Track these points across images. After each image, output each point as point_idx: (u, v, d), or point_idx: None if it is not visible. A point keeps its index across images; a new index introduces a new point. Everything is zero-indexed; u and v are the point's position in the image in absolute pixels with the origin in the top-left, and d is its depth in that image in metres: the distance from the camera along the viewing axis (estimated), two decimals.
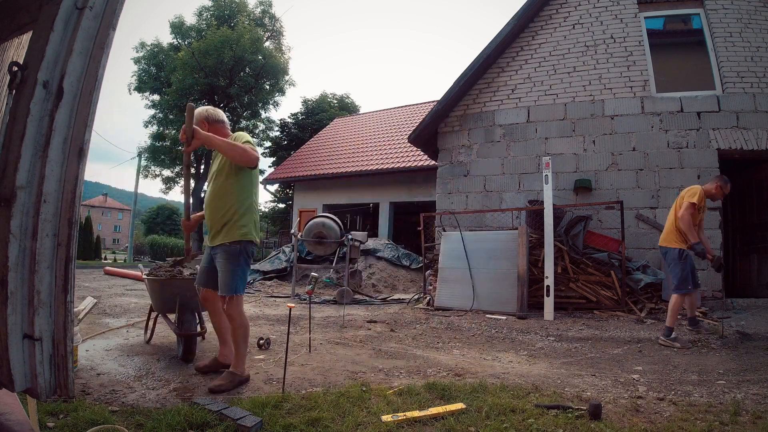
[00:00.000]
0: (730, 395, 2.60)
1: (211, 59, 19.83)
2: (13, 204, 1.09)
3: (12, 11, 1.47)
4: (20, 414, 1.65)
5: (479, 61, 7.28)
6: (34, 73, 1.13)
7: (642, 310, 5.50)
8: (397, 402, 2.43)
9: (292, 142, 25.50)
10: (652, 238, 6.24)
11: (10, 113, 1.18)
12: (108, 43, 1.23)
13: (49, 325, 1.15)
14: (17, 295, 1.10)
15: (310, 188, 15.41)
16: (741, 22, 6.39)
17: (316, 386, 2.78)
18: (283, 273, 10.47)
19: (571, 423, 2.14)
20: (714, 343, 4.06)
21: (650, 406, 2.43)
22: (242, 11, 23.22)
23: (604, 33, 6.98)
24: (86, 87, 1.19)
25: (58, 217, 1.15)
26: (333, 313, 6.12)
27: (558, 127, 7.02)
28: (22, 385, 1.13)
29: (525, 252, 5.86)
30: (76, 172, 1.18)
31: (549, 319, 5.41)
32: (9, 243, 1.08)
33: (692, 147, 6.25)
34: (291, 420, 2.13)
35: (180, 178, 23.67)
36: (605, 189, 6.60)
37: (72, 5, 1.19)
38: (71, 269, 1.17)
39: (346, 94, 29.85)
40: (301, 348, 3.86)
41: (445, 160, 7.83)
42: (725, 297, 5.71)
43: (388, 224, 13.56)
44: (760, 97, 6.09)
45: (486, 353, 3.82)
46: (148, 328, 4.02)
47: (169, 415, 2.12)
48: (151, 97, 22.86)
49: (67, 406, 2.21)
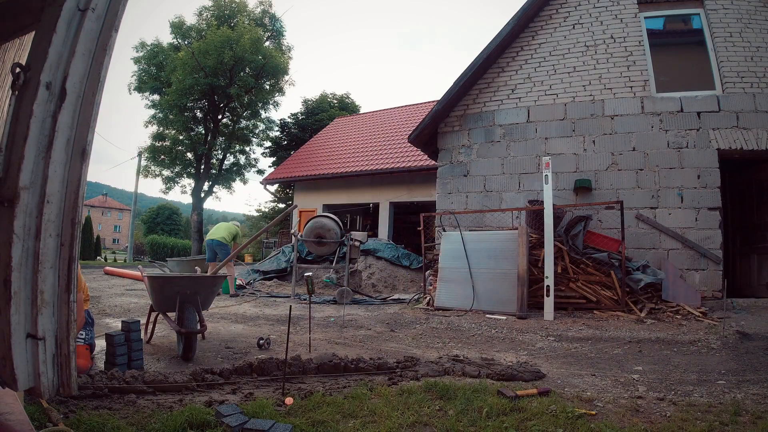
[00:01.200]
0: (730, 395, 2.61)
1: (211, 59, 19.82)
2: (17, 204, 1.10)
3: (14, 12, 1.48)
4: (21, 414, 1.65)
5: (479, 61, 7.29)
6: (37, 75, 1.14)
7: (642, 310, 5.50)
8: (398, 402, 2.43)
9: (292, 142, 25.50)
10: (652, 238, 6.25)
11: (13, 114, 1.19)
12: (110, 45, 1.23)
13: (52, 325, 1.15)
14: (21, 295, 1.11)
15: (310, 188, 15.41)
16: (741, 22, 6.39)
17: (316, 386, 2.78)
18: (283, 273, 10.47)
19: (571, 423, 2.15)
20: (714, 343, 4.06)
21: (650, 406, 2.44)
22: (242, 11, 23.21)
23: (604, 33, 6.98)
24: (89, 88, 1.20)
25: (61, 217, 1.16)
26: (333, 313, 6.13)
27: (558, 127, 7.02)
28: (26, 384, 1.13)
29: (525, 252, 5.87)
30: (79, 172, 1.18)
31: (549, 319, 5.41)
32: (12, 243, 1.09)
33: (692, 147, 6.26)
34: (294, 421, 2.14)
35: (179, 177, 23.65)
36: (605, 189, 6.61)
37: (74, 7, 1.20)
38: (74, 269, 1.17)
39: (346, 94, 29.83)
40: (301, 348, 3.87)
41: (445, 160, 7.84)
42: (725, 297, 5.71)
43: (388, 224, 13.56)
44: (760, 97, 6.10)
45: (486, 353, 3.83)
46: (147, 329, 4.02)
47: (169, 415, 2.13)
48: (151, 97, 22.85)
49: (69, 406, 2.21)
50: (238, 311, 6.24)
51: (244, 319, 5.61)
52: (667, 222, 6.18)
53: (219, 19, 22.50)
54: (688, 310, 5.30)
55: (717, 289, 5.89)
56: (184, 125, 22.06)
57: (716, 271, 5.96)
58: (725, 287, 5.80)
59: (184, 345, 3.36)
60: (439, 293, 6.45)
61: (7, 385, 1.14)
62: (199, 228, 22.67)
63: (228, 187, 25.12)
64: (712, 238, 6.02)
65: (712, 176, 6.13)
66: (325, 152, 16.48)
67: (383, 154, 14.23)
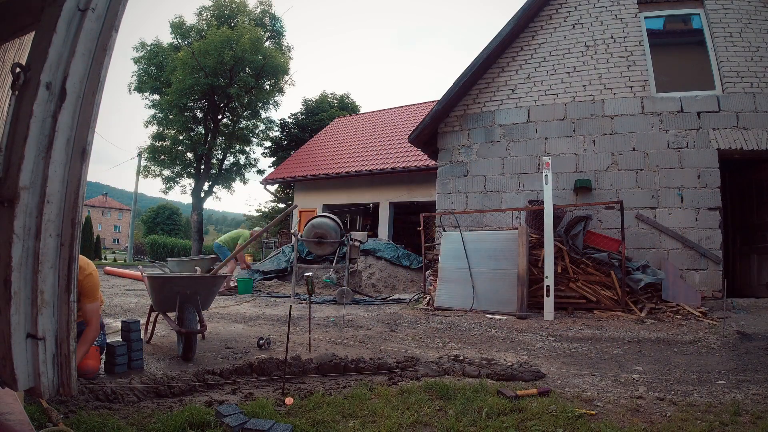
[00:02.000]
0: (730, 395, 2.61)
1: (211, 59, 19.81)
2: (17, 204, 1.10)
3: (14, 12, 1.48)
4: (21, 414, 1.65)
5: (479, 61, 7.29)
6: (37, 75, 1.14)
7: (642, 310, 5.50)
8: (398, 402, 2.43)
9: (292, 142, 25.49)
10: (652, 238, 6.25)
11: (13, 114, 1.19)
12: (110, 45, 1.23)
13: (52, 325, 1.15)
14: (21, 295, 1.11)
15: (310, 188, 15.42)
16: (741, 22, 6.39)
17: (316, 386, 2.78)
18: (283, 273, 10.47)
19: (571, 423, 2.15)
20: (714, 343, 4.06)
21: (650, 406, 2.44)
22: (242, 11, 23.19)
23: (604, 33, 6.98)
24: (89, 88, 1.19)
25: (62, 217, 1.16)
26: (333, 313, 6.13)
27: (558, 127, 7.03)
28: (26, 385, 1.13)
29: (525, 252, 5.87)
30: (79, 172, 1.18)
31: (549, 319, 5.41)
32: (12, 243, 1.09)
33: (692, 147, 6.26)
34: (294, 421, 2.14)
35: (179, 177, 23.63)
36: (605, 189, 6.61)
37: (74, 7, 1.20)
38: (74, 269, 1.17)
39: (346, 94, 29.81)
40: (301, 348, 3.87)
41: (445, 160, 7.84)
42: (725, 297, 5.71)
43: (388, 224, 13.56)
44: (760, 97, 6.10)
45: (486, 353, 3.83)
46: (147, 329, 4.02)
47: (169, 415, 2.13)
48: (151, 97, 22.84)
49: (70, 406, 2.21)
50: (238, 311, 6.24)
51: (244, 319, 5.61)
52: (667, 222, 6.19)
53: (219, 19, 22.49)
54: (688, 310, 5.30)
55: (717, 289, 5.90)
56: (184, 125, 22.05)
57: (716, 271, 5.96)
58: (725, 287, 5.80)
59: (184, 345, 3.36)
60: (439, 293, 6.45)
61: (7, 385, 1.14)
62: (199, 228, 22.67)
63: (228, 187, 25.12)
64: (712, 238, 6.02)
65: (712, 176, 6.13)
66: (325, 152, 16.49)
67: (383, 154, 14.23)
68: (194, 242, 22.35)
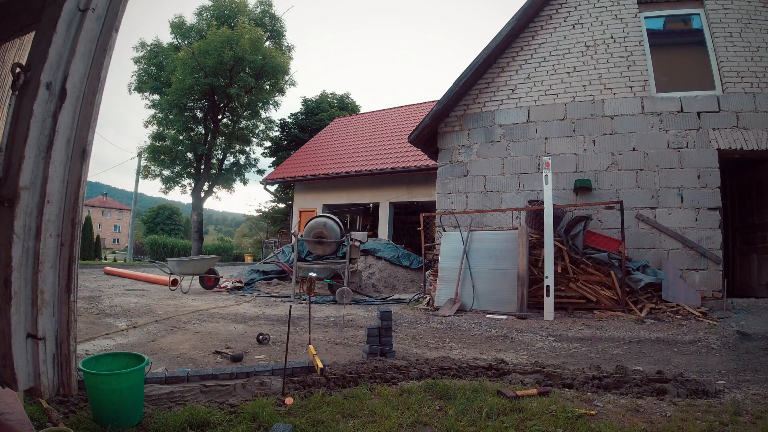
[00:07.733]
0: (730, 395, 2.61)
1: (211, 59, 19.80)
2: (17, 204, 1.10)
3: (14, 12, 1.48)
4: (21, 414, 1.65)
5: (479, 61, 7.29)
6: (38, 75, 1.14)
7: (642, 310, 5.50)
8: (398, 402, 2.43)
9: (292, 142, 25.47)
10: (652, 238, 6.25)
11: (14, 114, 1.19)
12: (110, 45, 1.23)
13: (52, 325, 1.15)
14: (21, 295, 1.11)
15: (310, 188, 15.41)
16: (741, 22, 6.39)
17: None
18: (283, 273, 10.47)
19: (571, 423, 2.15)
20: (714, 343, 4.06)
21: (650, 406, 2.44)
22: (242, 11, 23.18)
23: (604, 33, 6.98)
24: (89, 88, 1.20)
25: (62, 217, 1.16)
26: (333, 313, 6.13)
27: (558, 127, 7.02)
28: (26, 384, 1.13)
29: (525, 252, 5.87)
30: (80, 172, 1.18)
31: (549, 319, 5.41)
32: (13, 243, 1.09)
33: (692, 147, 6.26)
34: (294, 421, 2.14)
35: (179, 177, 23.62)
36: (605, 189, 6.61)
37: (74, 7, 1.20)
38: (75, 269, 1.17)
39: (346, 94, 29.79)
40: (301, 348, 3.87)
41: (445, 160, 7.84)
42: (725, 297, 5.71)
43: (388, 224, 13.56)
44: (760, 97, 6.10)
45: (486, 353, 3.83)
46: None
47: (169, 415, 2.13)
48: (151, 97, 22.84)
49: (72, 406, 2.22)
50: (238, 311, 6.24)
51: (245, 318, 5.61)
52: (667, 222, 6.19)
53: (219, 19, 22.47)
54: (688, 310, 5.30)
55: (717, 289, 5.90)
56: (184, 125, 22.04)
57: (716, 271, 5.96)
58: (725, 287, 5.80)
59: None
60: (439, 293, 6.44)
61: (7, 385, 1.14)
62: (199, 228, 22.66)
63: (228, 187, 25.11)
64: (712, 238, 6.02)
65: (712, 176, 6.13)
66: (325, 152, 16.48)
67: (383, 154, 14.22)
68: (194, 242, 22.33)
